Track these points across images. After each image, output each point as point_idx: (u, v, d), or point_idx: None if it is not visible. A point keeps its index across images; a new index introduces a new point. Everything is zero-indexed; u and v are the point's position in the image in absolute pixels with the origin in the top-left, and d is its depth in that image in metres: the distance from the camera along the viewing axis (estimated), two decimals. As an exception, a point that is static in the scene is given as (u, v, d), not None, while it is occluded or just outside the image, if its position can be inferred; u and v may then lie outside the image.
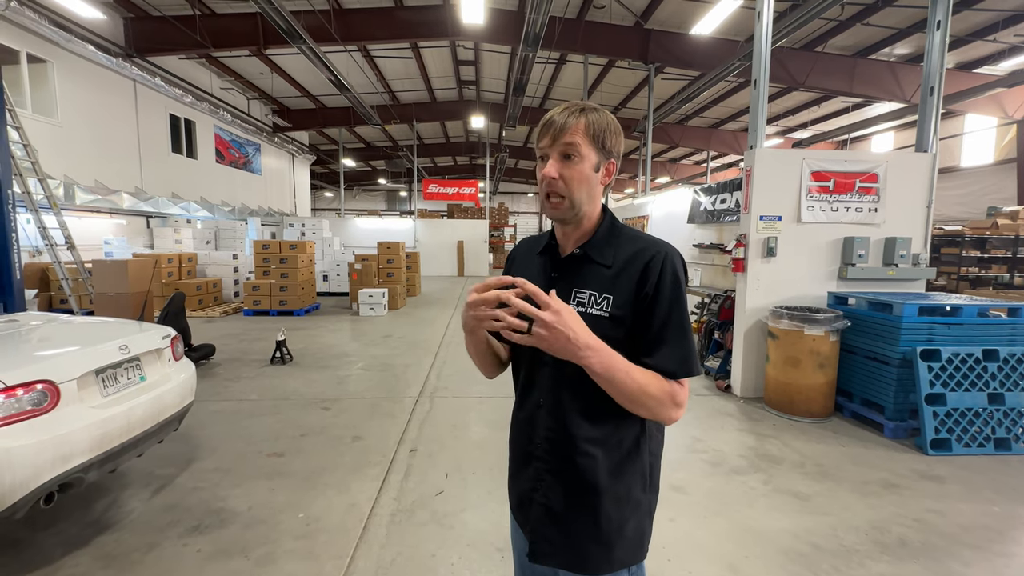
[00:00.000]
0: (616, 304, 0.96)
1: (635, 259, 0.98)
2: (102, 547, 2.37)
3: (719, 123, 16.75)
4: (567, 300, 1.00)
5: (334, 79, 11.07)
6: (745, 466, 3.32)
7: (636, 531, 1.02)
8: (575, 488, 1.00)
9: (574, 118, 0.96)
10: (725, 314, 5.24)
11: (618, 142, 1.00)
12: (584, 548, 1.00)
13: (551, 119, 0.98)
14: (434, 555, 2.36)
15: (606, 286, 0.98)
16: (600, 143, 0.97)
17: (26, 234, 7.65)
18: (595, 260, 1.01)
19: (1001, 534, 2.58)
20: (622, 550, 1.00)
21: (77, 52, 8.73)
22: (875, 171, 4.60)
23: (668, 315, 0.95)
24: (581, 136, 0.95)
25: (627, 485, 1.01)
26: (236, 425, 3.92)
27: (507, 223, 23.48)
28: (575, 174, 0.96)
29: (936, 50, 4.55)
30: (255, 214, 15.08)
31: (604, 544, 0.99)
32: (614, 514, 0.99)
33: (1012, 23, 8.74)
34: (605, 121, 0.98)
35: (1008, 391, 3.63)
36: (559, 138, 0.96)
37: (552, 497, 1.02)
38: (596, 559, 1.00)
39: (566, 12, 9.64)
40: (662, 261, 0.96)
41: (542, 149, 0.99)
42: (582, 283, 1.00)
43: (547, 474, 1.03)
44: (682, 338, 0.95)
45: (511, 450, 1.14)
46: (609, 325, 0.96)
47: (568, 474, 1.01)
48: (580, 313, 0.97)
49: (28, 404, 2.06)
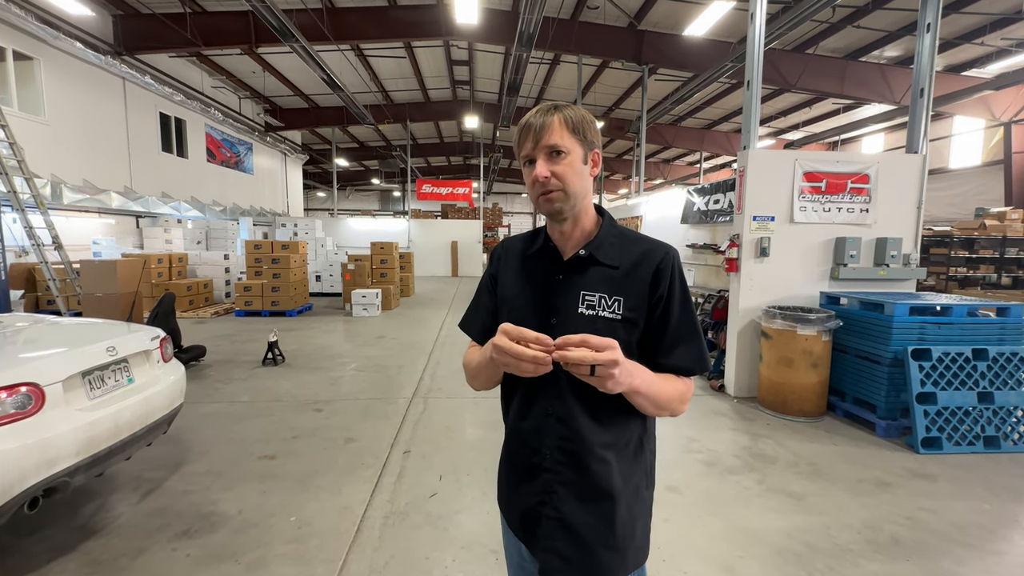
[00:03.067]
0: (628, 306, 0.96)
1: (644, 261, 0.98)
2: (89, 553, 2.33)
3: (712, 124, 16.85)
4: (575, 303, 0.98)
5: (327, 78, 11.00)
6: (739, 466, 3.32)
7: (643, 531, 1.03)
8: (592, 496, 0.97)
9: (550, 116, 0.96)
10: (719, 314, 5.26)
11: (596, 132, 1.01)
12: (599, 557, 0.97)
13: (528, 122, 0.97)
14: (428, 558, 2.34)
15: (616, 288, 0.97)
16: (581, 134, 0.97)
17: (12, 234, 7.53)
18: (602, 262, 0.99)
19: (992, 532, 2.60)
20: (633, 552, 1.01)
21: (65, 49, 8.59)
22: (866, 172, 4.63)
23: (681, 315, 0.98)
24: (562, 131, 0.95)
25: (635, 485, 1.01)
26: (227, 427, 3.87)
27: (501, 223, 23.45)
28: (566, 168, 0.96)
29: (926, 52, 4.59)
30: (247, 214, 14.94)
31: (619, 549, 0.98)
32: (627, 517, 0.99)
33: (1000, 26, 8.87)
34: (579, 114, 0.98)
35: (997, 390, 3.67)
36: (541, 138, 0.95)
37: (566, 509, 0.98)
38: (611, 566, 0.98)
39: (560, 12, 9.65)
40: (672, 263, 0.99)
41: (526, 153, 0.98)
42: (590, 285, 0.98)
43: (559, 485, 0.98)
44: (695, 335, 0.98)
45: (510, 463, 1.08)
46: (622, 328, 0.95)
47: (584, 483, 0.97)
48: (590, 316, 0.96)
49: (11, 407, 2.01)
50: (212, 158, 14.23)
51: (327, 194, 30.24)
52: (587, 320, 0.96)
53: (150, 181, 11.31)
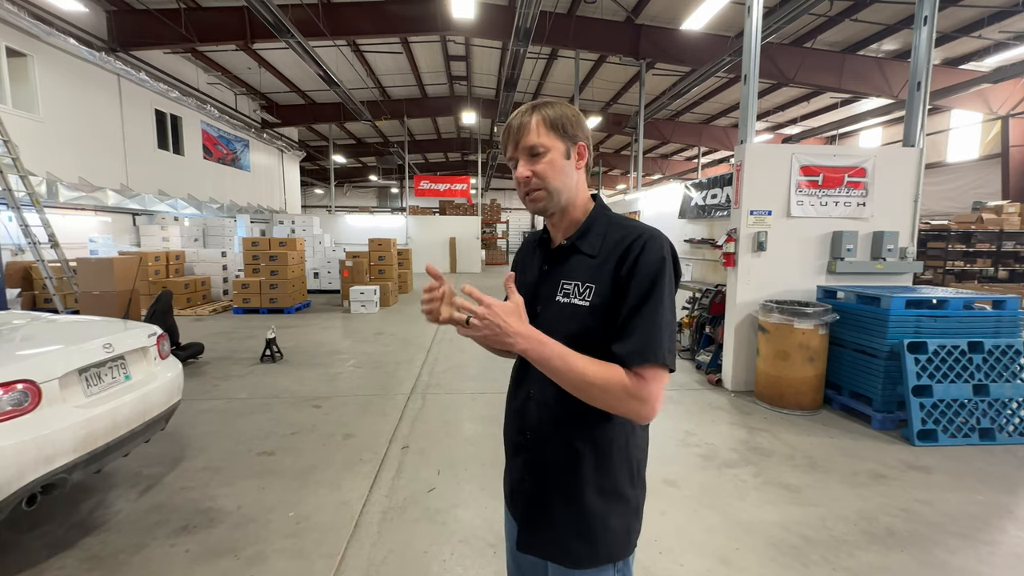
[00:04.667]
0: (598, 292, 0.96)
1: (617, 246, 0.97)
2: (88, 548, 2.33)
3: (710, 119, 16.81)
4: (555, 291, 1.02)
5: (323, 74, 10.93)
6: (736, 459, 3.34)
7: (622, 526, 1.01)
8: (560, 480, 1.01)
9: (527, 117, 0.99)
10: (716, 309, 5.27)
11: (579, 125, 1.02)
12: (569, 541, 1.00)
13: (508, 124, 1.02)
14: (426, 552, 2.35)
15: (590, 275, 0.98)
16: (561, 130, 0.99)
17: (8, 232, 7.51)
18: (581, 250, 1.02)
19: (986, 522, 2.62)
20: (607, 545, 1.00)
21: (58, 46, 8.52)
22: (863, 166, 4.63)
23: (640, 299, 0.91)
24: (539, 130, 0.98)
25: (613, 479, 1.00)
26: (226, 424, 3.87)
27: (499, 219, 23.44)
28: (545, 167, 0.99)
29: (923, 46, 4.58)
30: (244, 211, 14.89)
31: (588, 538, 0.99)
32: (599, 508, 0.99)
33: (997, 19, 8.84)
34: (559, 111, 1.00)
35: (993, 382, 3.69)
36: (520, 140, 0.99)
37: (538, 488, 1.04)
38: (580, 552, 1.00)
39: (557, 7, 9.60)
40: (643, 244, 0.94)
41: (510, 156, 1.03)
42: (568, 274, 1.01)
43: (535, 465, 1.04)
44: (650, 324, 0.89)
45: (504, 440, 1.16)
46: (589, 316, 0.95)
47: (554, 466, 1.02)
48: (564, 304, 0.99)
49: (8, 404, 2.01)
50: (209, 155, 14.16)
51: (324, 191, 30.15)
52: (561, 307, 1.00)
53: (146, 178, 11.25)
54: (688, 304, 6.13)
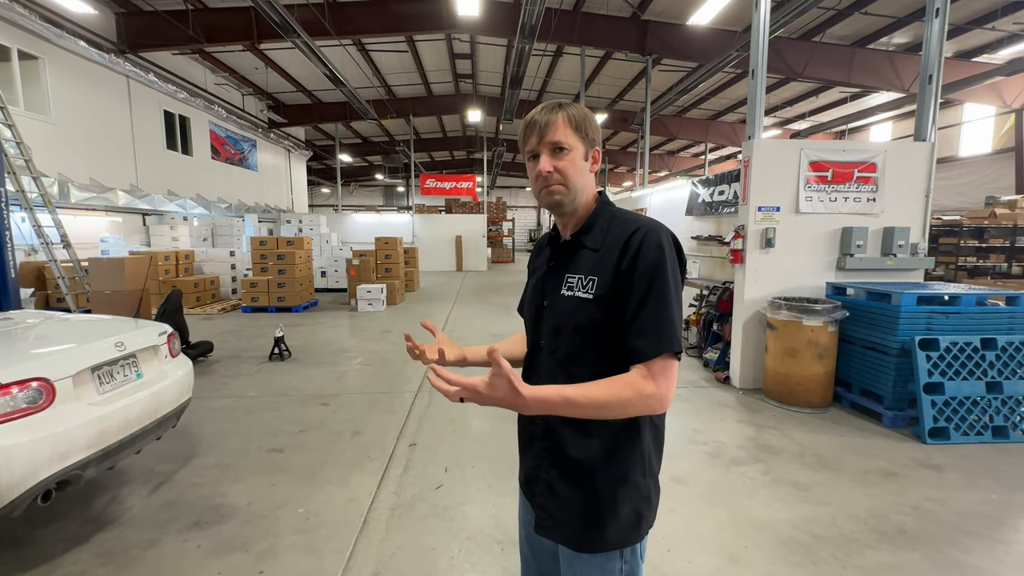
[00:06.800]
0: (600, 285, 0.98)
1: (619, 239, 0.99)
2: (102, 544, 2.37)
3: (717, 115, 16.68)
4: (560, 285, 1.05)
5: (329, 73, 10.98)
6: (745, 457, 3.32)
7: (632, 513, 1.03)
8: (571, 468, 1.04)
9: (555, 114, 1.01)
10: (724, 306, 5.24)
11: (597, 130, 1.06)
12: (580, 526, 1.03)
13: (533, 119, 1.02)
14: (434, 548, 2.36)
15: (592, 268, 1.01)
16: (583, 132, 1.02)
17: (21, 232, 7.61)
18: (585, 244, 1.05)
19: (1000, 522, 2.59)
20: (616, 531, 1.02)
21: (69, 48, 8.62)
22: (873, 161, 4.58)
23: (645, 292, 0.93)
24: (565, 128, 1.00)
25: (624, 468, 1.02)
26: (235, 421, 3.91)
27: (505, 217, 23.42)
28: (568, 164, 1.01)
29: (935, 38, 4.51)
30: (252, 211, 14.98)
31: (598, 524, 1.02)
32: (608, 495, 1.01)
33: (1011, 11, 8.69)
34: (582, 113, 1.03)
35: (1006, 379, 3.64)
36: (545, 135, 1.01)
37: (552, 475, 1.07)
38: (590, 537, 1.03)
39: (562, 3, 9.56)
40: (643, 236, 0.96)
41: (531, 149, 1.04)
42: (573, 268, 1.05)
43: (547, 453, 1.08)
44: (657, 316, 0.91)
45: (518, 430, 1.19)
46: (593, 307, 0.98)
47: (564, 456, 1.04)
48: (568, 296, 1.02)
49: (23, 402, 2.05)
50: (216, 155, 14.28)
51: (331, 190, 30.29)
52: (566, 301, 1.03)
53: (155, 179, 11.37)
54: (696, 301, 6.09)
